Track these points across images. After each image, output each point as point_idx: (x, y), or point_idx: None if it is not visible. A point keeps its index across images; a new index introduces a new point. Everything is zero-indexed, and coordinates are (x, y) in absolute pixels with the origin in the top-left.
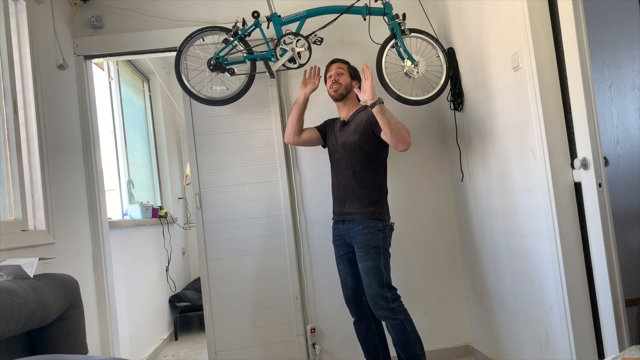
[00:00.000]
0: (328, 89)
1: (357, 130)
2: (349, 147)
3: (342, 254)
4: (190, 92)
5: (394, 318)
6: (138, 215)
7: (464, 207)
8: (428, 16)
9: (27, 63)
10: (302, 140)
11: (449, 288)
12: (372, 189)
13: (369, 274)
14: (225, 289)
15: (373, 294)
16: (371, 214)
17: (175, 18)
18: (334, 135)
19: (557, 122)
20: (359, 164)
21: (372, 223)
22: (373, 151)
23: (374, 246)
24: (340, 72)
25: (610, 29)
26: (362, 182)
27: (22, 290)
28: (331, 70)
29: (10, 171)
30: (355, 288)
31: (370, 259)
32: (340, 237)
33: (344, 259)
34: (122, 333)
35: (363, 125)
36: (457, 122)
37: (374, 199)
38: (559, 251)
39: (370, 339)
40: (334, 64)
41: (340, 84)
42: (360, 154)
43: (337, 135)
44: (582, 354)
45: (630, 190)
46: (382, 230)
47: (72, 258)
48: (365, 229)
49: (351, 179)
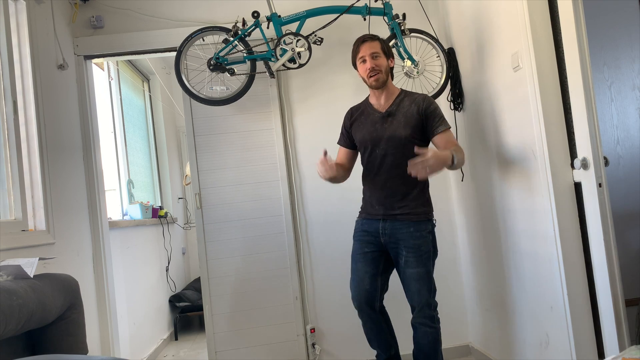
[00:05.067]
0: (365, 77)
1: (408, 124)
2: (397, 141)
3: (368, 251)
4: (190, 92)
5: (431, 326)
6: (138, 215)
7: (464, 207)
8: (428, 16)
9: (27, 63)
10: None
11: (449, 288)
12: (425, 187)
13: (420, 280)
14: (225, 289)
15: (422, 301)
16: (425, 214)
17: (175, 18)
18: (369, 127)
19: (557, 122)
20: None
21: (424, 225)
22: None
23: (425, 251)
24: (376, 54)
25: (610, 29)
26: (414, 180)
27: (22, 290)
28: (364, 54)
29: (10, 171)
30: (372, 291)
31: (422, 265)
32: (373, 235)
33: (368, 257)
34: (122, 333)
35: (415, 120)
36: (457, 122)
37: (426, 198)
38: (559, 251)
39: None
40: (365, 43)
41: (380, 71)
42: (409, 149)
43: (378, 128)
44: (582, 354)
45: (630, 190)
46: (432, 231)
47: (72, 258)
48: (417, 232)
49: (402, 177)
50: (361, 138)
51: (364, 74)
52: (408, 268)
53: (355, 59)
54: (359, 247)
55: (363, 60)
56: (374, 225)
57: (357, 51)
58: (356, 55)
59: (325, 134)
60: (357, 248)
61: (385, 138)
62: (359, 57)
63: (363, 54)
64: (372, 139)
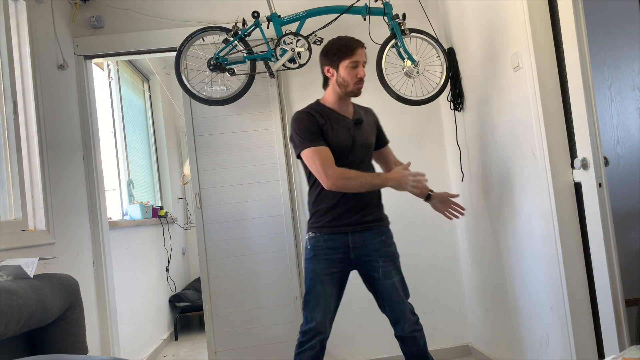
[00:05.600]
0: (350, 82)
1: (372, 132)
2: (368, 148)
3: (335, 271)
4: (190, 92)
5: (419, 329)
6: (138, 215)
7: (464, 207)
8: (428, 16)
9: (27, 63)
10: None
11: (449, 288)
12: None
13: (401, 288)
14: (225, 289)
15: (406, 310)
16: (388, 220)
17: (175, 18)
18: (345, 133)
19: (557, 122)
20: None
21: (390, 231)
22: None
23: (398, 257)
24: (365, 63)
25: (610, 29)
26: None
27: (22, 290)
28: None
29: (10, 171)
30: (333, 314)
31: (399, 272)
32: (341, 252)
33: (335, 278)
34: (122, 333)
35: (374, 127)
36: (457, 122)
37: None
38: (559, 251)
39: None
40: (361, 49)
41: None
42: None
43: (352, 134)
44: (582, 354)
45: (630, 190)
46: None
47: (72, 258)
48: (388, 240)
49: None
50: (337, 144)
51: (350, 79)
52: (388, 279)
53: (341, 59)
54: (325, 266)
55: (355, 65)
56: (341, 240)
57: (349, 54)
58: (346, 57)
59: None
60: (322, 268)
61: (359, 145)
62: (351, 60)
63: (358, 59)
64: (349, 145)
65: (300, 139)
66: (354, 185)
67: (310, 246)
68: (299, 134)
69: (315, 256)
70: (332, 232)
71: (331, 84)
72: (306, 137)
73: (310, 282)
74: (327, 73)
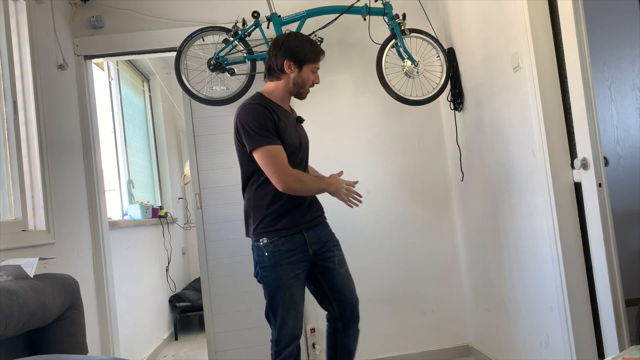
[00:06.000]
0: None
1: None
2: (307, 146)
3: (300, 272)
4: (190, 92)
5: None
6: (138, 215)
7: (464, 207)
8: (428, 16)
9: (27, 63)
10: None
11: (449, 288)
12: None
13: (350, 276)
14: (225, 289)
15: (357, 303)
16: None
17: (175, 18)
18: (294, 130)
19: (557, 122)
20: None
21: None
22: None
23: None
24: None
25: (610, 29)
26: None
27: (22, 290)
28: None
29: (10, 171)
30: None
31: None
32: (300, 251)
33: (301, 278)
34: (122, 333)
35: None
36: (457, 122)
37: None
38: (559, 251)
39: None
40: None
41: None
42: None
43: (299, 132)
44: (582, 354)
45: (630, 190)
46: None
47: (72, 258)
48: (332, 230)
49: None
50: (290, 142)
51: (308, 82)
52: (342, 267)
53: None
54: (290, 270)
55: (315, 71)
56: (298, 239)
57: (316, 59)
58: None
59: (325, 133)
60: (286, 273)
61: (304, 143)
62: (315, 65)
63: (319, 66)
64: (300, 143)
65: (256, 135)
66: (306, 189)
67: (267, 253)
68: (254, 129)
69: (276, 262)
70: (290, 234)
71: (284, 79)
72: (263, 133)
73: (276, 290)
74: (288, 69)
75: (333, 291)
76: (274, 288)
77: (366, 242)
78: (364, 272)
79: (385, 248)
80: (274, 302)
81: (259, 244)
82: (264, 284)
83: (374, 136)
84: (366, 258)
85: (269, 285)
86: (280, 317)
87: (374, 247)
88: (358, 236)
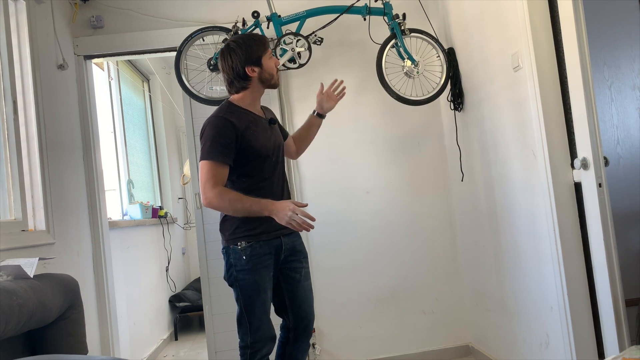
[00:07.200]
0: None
1: (281, 131)
2: (281, 149)
3: (272, 274)
4: (190, 92)
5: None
6: (138, 215)
7: (464, 207)
8: (428, 16)
9: (27, 63)
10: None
11: (449, 288)
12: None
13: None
14: (225, 289)
15: (313, 318)
16: None
17: (175, 18)
18: (265, 134)
19: (557, 122)
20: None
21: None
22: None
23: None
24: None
25: (610, 29)
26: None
27: (22, 291)
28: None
29: (10, 171)
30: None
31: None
32: (274, 255)
33: (273, 281)
34: (122, 333)
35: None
36: (457, 122)
37: None
38: (559, 251)
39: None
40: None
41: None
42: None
43: (270, 135)
44: (582, 354)
45: (630, 190)
46: None
47: (72, 258)
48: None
49: (287, 184)
50: (260, 147)
51: (273, 70)
52: (306, 280)
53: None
54: (265, 274)
55: (270, 55)
56: (275, 243)
57: (265, 47)
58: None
59: (325, 133)
60: (262, 276)
61: (277, 145)
62: (268, 51)
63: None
64: (271, 147)
65: (207, 147)
66: (230, 208)
67: (245, 257)
68: (207, 142)
69: (254, 266)
70: (270, 239)
71: (251, 85)
72: (214, 149)
73: (253, 293)
74: (252, 73)
75: (293, 302)
76: (251, 291)
77: (366, 242)
78: (364, 272)
79: (385, 248)
80: (249, 305)
81: (237, 247)
82: (239, 288)
83: (374, 136)
84: (366, 258)
85: (245, 288)
86: (257, 319)
87: (373, 247)
88: (358, 236)
